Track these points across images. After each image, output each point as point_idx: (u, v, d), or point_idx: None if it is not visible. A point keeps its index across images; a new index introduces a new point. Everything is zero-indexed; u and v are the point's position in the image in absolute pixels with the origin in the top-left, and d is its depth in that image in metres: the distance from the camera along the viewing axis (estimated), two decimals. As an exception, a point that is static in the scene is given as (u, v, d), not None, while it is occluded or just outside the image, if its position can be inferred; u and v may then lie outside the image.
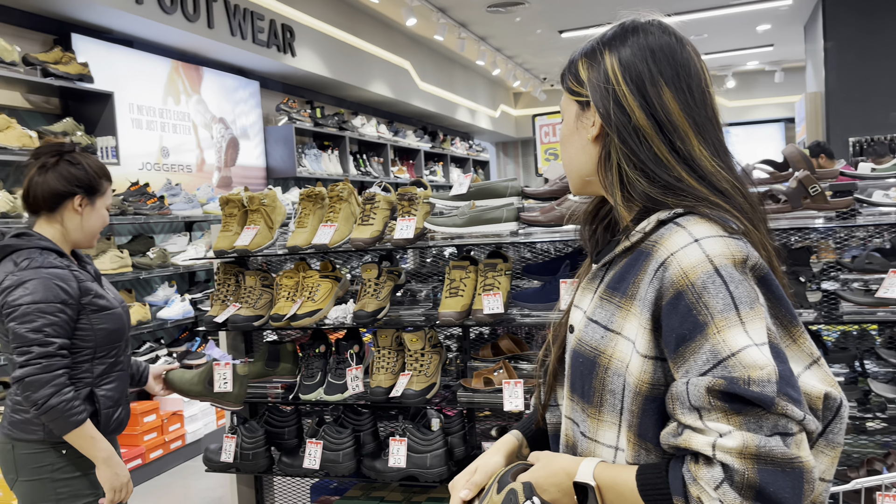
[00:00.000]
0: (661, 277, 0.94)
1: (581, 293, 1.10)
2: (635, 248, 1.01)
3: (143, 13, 4.76)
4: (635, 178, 1.01)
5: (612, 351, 0.99)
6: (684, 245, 0.94)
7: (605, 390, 1.00)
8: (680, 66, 1.03)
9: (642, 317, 0.96)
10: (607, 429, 1.01)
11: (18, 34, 4.43)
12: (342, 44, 7.45)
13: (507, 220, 2.52)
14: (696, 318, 0.90)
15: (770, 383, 0.86)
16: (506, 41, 9.60)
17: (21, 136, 4.01)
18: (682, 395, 0.90)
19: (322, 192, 2.79)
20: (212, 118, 6.17)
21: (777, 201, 2.23)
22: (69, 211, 2.10)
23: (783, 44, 10.59)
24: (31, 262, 2.01)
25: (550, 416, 1.20)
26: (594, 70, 1.06)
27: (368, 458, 2.73)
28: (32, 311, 1.95)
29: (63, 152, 2.11)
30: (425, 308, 2.79)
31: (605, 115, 1.03)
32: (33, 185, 2.07)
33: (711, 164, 1.00)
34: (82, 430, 2.01)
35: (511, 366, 2.67)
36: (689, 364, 0.90)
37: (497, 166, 14.44)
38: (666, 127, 1.01)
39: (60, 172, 2.07)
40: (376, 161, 8.59)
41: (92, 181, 2.12)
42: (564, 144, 1.15)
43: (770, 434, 0.86)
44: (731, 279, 0.90)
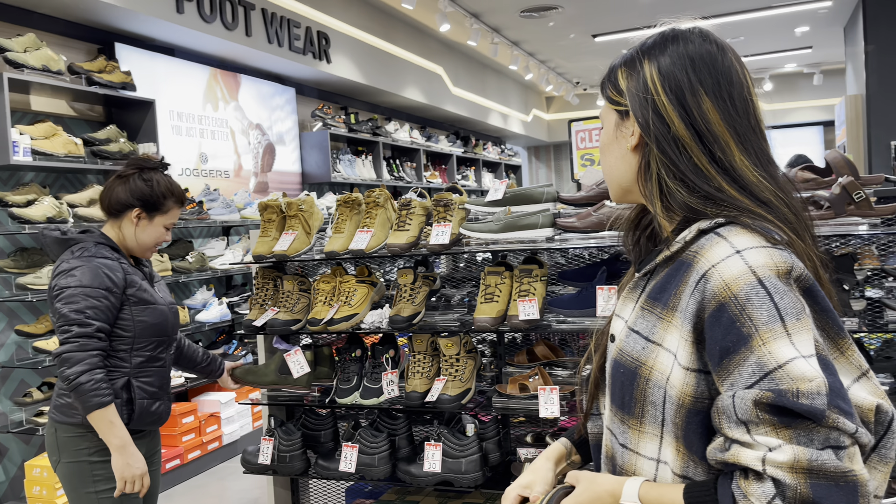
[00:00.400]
0: (703, 290, 0.93)
1: (623, 302, 1.10)
2: (676, 257, 1.00)
3: (184, 22, 4.86)
4: (675, 188, 1.01)
5: (653, 362, 0.98)
6: (726, 256, 0.92)
7: (646, 402, 0.99)
8: (721, 74, 1.02)
9: (683, 329, 0.95)
10: (648, 440, 1.00)
11: (64, 44, 4.56)
12: (376, 50, 7.51)
13: (542, 226, 2.52)
14: (739, 330, 0.89)
15: (820, 395, 0.84)
16: (539, 46, 9.58)
17: (67, 143, 4.12)
18: (728, 408, 0.88)
19: (359, 197, 2.82)
20: (249, 124, 6.26)
21: (820, 207, 2.20)
22: (127, 220, 2.29)
23: (822, 46, 10.39)
24: (84, 251, 2.20)
25: (592, 425, 1.19)
26: (633, 79, 1.06)
27: (403, 463, 2.74)
28: (77, 294, 2.11)
29: (144, 168, 2.31)
30: (460, 313, 2.80)
31: (644, 124, 1.03)
32: (106, 189, 2.30)
33: (753, 175, 0.99)
34: (103, 413, 2.11)
35: (546, 372, 2.67)
36: (735, 377, 0.89)
37: (529, 171, 14.40)
38: (706, 137, 1.00)
39: (130, 185, 2.27)
40: (409, 166, 8.64)
41: (155, 199, 2.30)
42: (604, 153, 1.15)
43: (821, 447, 0.83)
44: (776, 290, 0.89)
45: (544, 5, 7.76)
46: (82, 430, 2.17)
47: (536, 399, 2.53)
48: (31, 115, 4.29)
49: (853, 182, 2.10)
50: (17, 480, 4.06)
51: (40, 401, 3.93)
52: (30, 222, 3.78)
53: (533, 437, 2.76)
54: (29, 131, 3.95)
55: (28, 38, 4.00)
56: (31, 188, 3.97)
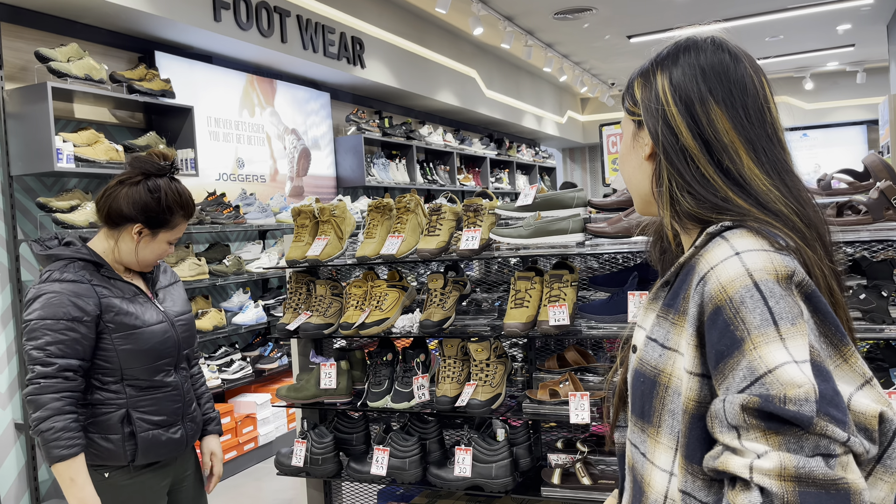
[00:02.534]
0: (702, 292, 0.93)
1: (644, 313, 1.10)
2: (687, 263, 1.01)
3: (221, 30, 4.96)
4: (681, 197, 1.02)
5: (671, 369, 0.98)
6: (724, 258, 0.92)
7: (664, 410, 0.99)
8: (733, 83, 1.02)
9: (688, 333, 0.95)
10: (663, 452, 1.00)
11: (106, 53, 4.68)
12: (410, 54, 7.56)
13: (573, 231, 2.51)
14: (733, 333, 0.88)
15: (808, 402, 0.82)
16: (573, 47, 9.53)
17: (108, 149, 4.23)
18: (720, 412, 0.88)
19: (390, 203, 2.84)
20: (284, 129, 6.35)
21: (857, 212, 2.15)
22: (126, 234, 2.00)
23: (865, 44, 10.14)
24: (52, 274, 1.92)
25: (618, 435, 1.19)
26: (647, 90, 1.07)
27: (434, 466, 2.76)
28: (39, 328, 1.86)
29: (149, 174, 2.01)
30: (490, 318, 2.81)
31: (654, 134, 1.05)
32: (106, 195, 2.00)
33: (764, 184, 0.98)
34: (64, 468, 1.82)
35: (577, 378, 2.66)
36: (728, 381, 0.88)
37: (564, 172, 14.32)
38: (714, 146, 1.00)
39: (132, 195, 1.97)
40: (443, 169, 8.66)
41: (160, 215, 2.00)
42: (623, 163, 1.17)
43: (811, 455, 0.82)
44: (771, 294, 0.88)
45: (578, 7, 7.72)
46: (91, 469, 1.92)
47: (567, 405, 2.52)
48: (74, 122, 4.42)
49: (891, 186, 2.06)
50: (61, 478, 4.18)
51: (83, 401, 4.03)
52: (73, 227, 3.89)
53: (563, 443, 2.75)
54: (72, 139, 4.07)
55: (71, 48, 4.12)
56: (74, 194, 4.08)
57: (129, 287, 2.03)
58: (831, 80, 12.21)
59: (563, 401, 2.56)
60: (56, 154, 3.89)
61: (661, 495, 0.99)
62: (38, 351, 1.84)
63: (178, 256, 4.70)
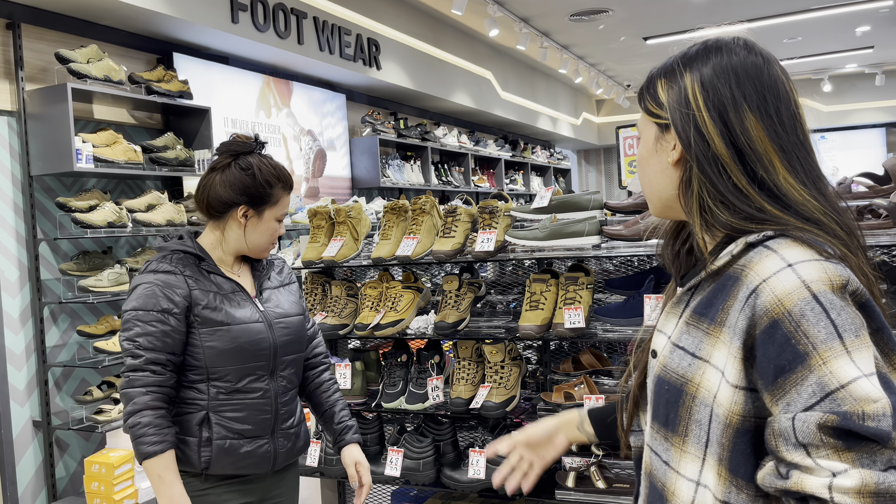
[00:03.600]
0: (754, 305, 0.89)
1: (665, 317, 1.07)
2: (723, 271, 0.97)
3: (239, 32, 4.99)
4: (715, 207, 0.98)
5: (700, 379, 0.95)
6: (777, 270, 0.89)
7: (691, 420, 0.97)
8: (767, 88, 0.98)
9: (732, 345, 0.91)
10: (690, 461, 0.97)
11: (125, 54, 4.73)
12: (426, 56, 7.57)
13: (589, 234, 2.51)
14: (795, 348, 0.85)
15: (886, 417, 0.80)
16: (589, 49, 9.51)
17: (127, 150, 4.27)
18: (786, 430, 0.85)
19: (405, 204, 2.85)
20: (301, 130, 6.38)
21: (878, 216, 2.13)
22: (233, 220, 1.92)
23: (884, 46, 10.04)
24: (149, 265, 1.87)
25: (634, 440, 1.18)
26: (674, 92, 1.02)
27: (448, 468, 2.76)
28: (130, 319, 1.81)
29: (238, 154, 1.92)
30: (505, 320, 2.81)
31: (685, 141, 1.00)
32: (202, 187, 1.92)
33: (800, 194, 0.95)
34: (151, 465, 1.74)
35: (592, 381, 2.65)
36: (791, 397, 0.85)
37: (579, 174, 14.28)
38: (748, 156, 0.96)
39: (227, 178, 1.89)
40: (457, 170, 8.67)
41: (260, 190, 1.90)
42: (643, 166, 1.12)
43: (884, 468, 0.80)
44: (832, 306, 0.85)
45: (594, 9, 7.70)
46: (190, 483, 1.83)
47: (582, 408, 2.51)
48: (93, 123, 4.46)
49: (912, 190, 2.03)
50: (77, 476, 4.22)
51: (100, 399, 4.07)
52: (91, 227, 3.93)
53: (578, 447, 2.74)
54: (91, 139, 4.11)
55: (91, 50, 4.16)
56: (93, 194, 4.12)
57: (229, 283, 1.92)
58: (850, 83, 12.10)
59: (578, 404, 2.55)
60: (76, 154, 3.93)
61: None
62: (128, 343, 1.79)
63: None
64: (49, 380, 4.10)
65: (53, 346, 4.16)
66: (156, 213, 4.35)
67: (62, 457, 4.20)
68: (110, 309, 4.46)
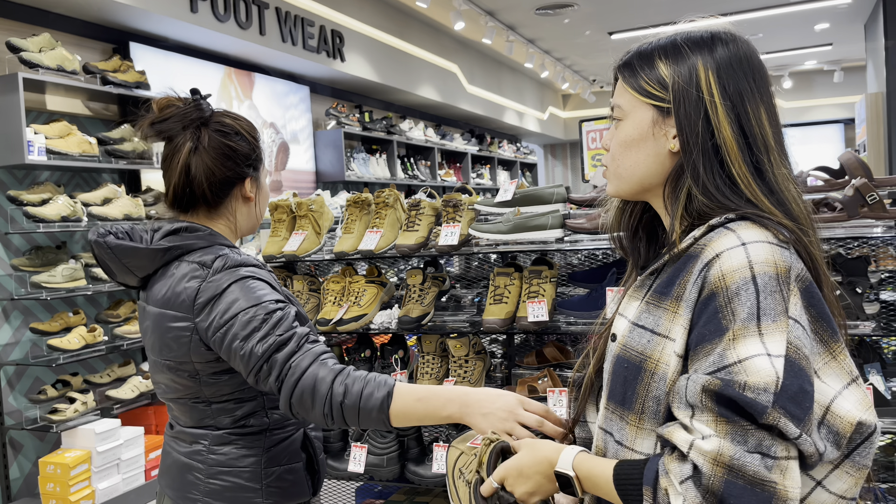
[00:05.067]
0: (704, 276, 0.93)
1: (627, 301, 1.07)
2: (684, 253, 0.99)
3: (198, 21, 4.88)
4: (698, 195, 0.98)
5: (660, 355, 0.97)
6: (730, 247, 0.92)
7: (648, 396, 0.97)
8: (766, 80, 1.00)
9: (684, 317, 0.94)
10: (646, 436, 0.98)
11: (79, 43, 4.59)
12: (391, 48, 7.51)
13: (552, 227, 2.50)
14: (720, 322, 0.89)
15: (766, 392, 0.83)
16: (554, 43, 9.54)
17: (81, 142, 4.15)
18: (681, 389, 0.90)
19: (368, 198, 2.81)
20: (263, 123, 6.28)
21: (833, 209, 2.16)
22: (236, 200, 1.57)
23: (842, 43, 10.25)
24: (228, 259, 1.46)
25: (580, 430, 1.18)
26: (682, 76, 0.98)
27: (412, 463, 2.74)
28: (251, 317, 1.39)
29: (205, 118, 1.53)
30: (470, 314, 2.79)
31: (691, 128, 0.98)
32: (184, 180, 1.50)
33: (789, 184, 0.98)
34: (396, 410, 1.34)
35: (556, 374, 2.65)
36: (699, 363, 0.90)
37: (545, 169, 14.35)
38: (756, 146, 0.97)
39: (213, 152, 1.50)
40: (424, 164, 8.63)
41: (257, 152, 1.59)
42: (629, 147, 1.04)
43: (751, 450, 0.84)
44: (764, 289, 0.88)
45: (560, 3, 7.71)
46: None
47: (545, 401, 2.51)
48: (46, 114, 4.33)
49: (867, 184, 2.06)
50: (32, 477, 4.11)
51: (54, 398, 3.96)
52: (44, 221, 3.81)
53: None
54: (44, 131, 3.99)
55: (43, 38, 4.04)
56: (45, 187, 4.00)
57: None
58: (809, 79, 12.34)
59: (541, 397, 2.55)
60: (27, 146, 3.81)
61: None
62: (263, 342, 1.36)
63: (154, 251, 4.63)
64: (1, 378, 3.98)
65: (6, 343, 4.04)
66: (112, 206, 4.24)
67: (16, 457, 4.08)
68: (64, 305, 4.34)
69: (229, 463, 1.48)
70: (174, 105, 1.53)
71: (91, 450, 3.92)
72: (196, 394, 1.49)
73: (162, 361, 1.50)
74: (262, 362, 1.36)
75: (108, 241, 1.53)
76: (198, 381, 1.47)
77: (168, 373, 1.50)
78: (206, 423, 1.51)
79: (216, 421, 1.50)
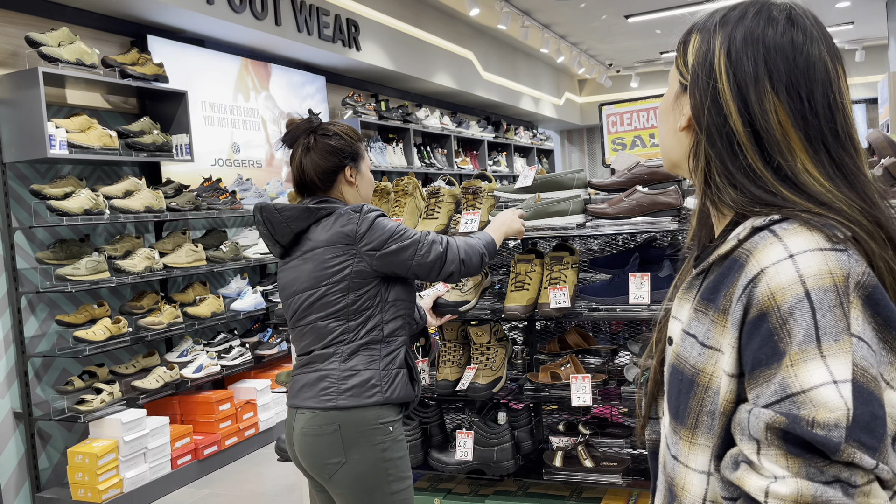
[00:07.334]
0: (750, 294, 0.84)
1: (678, 303, 1.01)
2: (729, 255, 0.91)
3: (214, 13, 4.89)
4: (722, 185, 0.92)
5: (712, 369, 0.90)
6: (777, 260, 0.83)
7: (702, 411, 0.91)
8: (799, 69, 0.89)
9: (731, 335, 0.87)
10: (700, 452, 0.92)
11: (97, 37, 4.62)
12: (406, 36, 7.48)
13: (573, 213, 2.49)
14: (776, 344, 0.81)
15: (838, 428, 0.76)
16: (570, 28, 9.45)
17: (102, 135, 4.18)
18: (743, 422, 0.83)
19: (387, 186, 2.81)
20: (280, 114, 6.29)
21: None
22: (344, 185, 2.10)
23: (864, 21, 10.07)
24: (365, 207, 2.01)
25: (649, 431, 1.12)
26: (702, 53, 0.94)
27: (435, 450, 2.74)
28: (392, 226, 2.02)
29: (313, 128, 2.10)
30: (491, 301, 2.79)
31: (698, 109, 0.94)
32: (301, 172, 2.07)
33: (821, 186, 0.87)
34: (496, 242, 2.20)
35: (578, 360, 2.64)
36: (760, 390, 0.82)
37: (562, 155, 14.26)
38: (766, 139, 0.89)
39: (320, 151, 2.06)
40: (440, 152, 8.61)
41: (353, 147, 2.11)
42: (660, 118, 1.05)
43: (829, 482, 0.76)
44: (820, 306, 0.80)
45: (575, -14, 7.64)
46: (374, 419, 1.94)
47: (568, 387, 2.51)
48: (66, 108, 4.37)
49: (897, 163, 2.03)
50: (61, 467, 4.18)
51: (81, 389, 4.02)
52: (67, 214, 3.85)
53: (565, 426, 2.74)
54: (65, 125, 4.02)
55: (62, 33, 4.06)
56: (68, 181, 4.04)
57: None
58: (830, 59, 12.12)
59: (564, 383, 2.54)
60: (49, 140, 3.84)
61: (699, 498, 0.92)
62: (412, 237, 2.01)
63: (175, 243, 4.66)
64: (29, 370, 4.04)
65: (32, 336, 4.10)
66: (133, 199, 4.28)
67: (45, 448, 4.15)
68: (89, 297, 4.39)
69: (357, 368, 1.97)
70: (295, 122, 2.12)
71: (118, 439, 3.98)
72: (340, 311, 1.99)
73: (316, 291, 2.00)
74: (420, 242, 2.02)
75: (273, 204, 2.05)
76: (345, 296, 1.98)
77: (320, 301, 2.00)
78: (343, 338, 1.99)
79: (352, 336, 1.99)
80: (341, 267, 1.98)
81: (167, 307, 4.46)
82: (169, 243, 4.64)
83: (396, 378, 2.00)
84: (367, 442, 1.93)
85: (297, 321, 2.08)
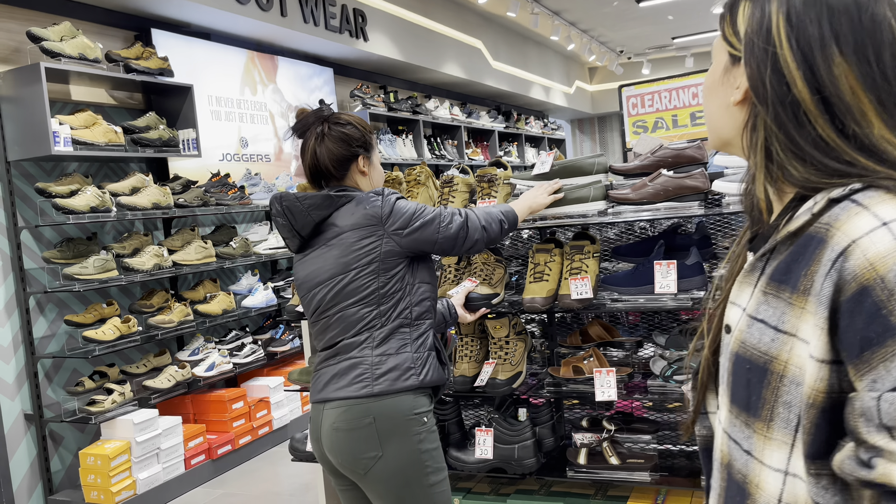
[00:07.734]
0: (841, 269, 0.77)
1: (738, 287, 0.94)
2: (802, 232, 0.84)
3: (219, 5, 4.80)
4: (787, 162, 0.85)
5: (788, 356, 0.83)
6: (869, 230, 0.76)
7: (777, 402, 0.84)
8: (866, 29, 0.84)
9: (818, 315, 0.79)
10: (776, 448, 0.85)
11: (101, 31, 4.54)
12: (414, 26, 7.37)
13: (594, 199, 2.38)
14: (887, 319, 0.73)
15: None
16: (580, 14, 9.30)
17: (107, 131, 4.11)
18: (870, 410, 0.74)
19: (400, 176, 2.71)
20: (288, 107, 6.20)
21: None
22: (357, 174, 2.09)
23: None
24: (386, 191, 2.01)
25: (700, 426, 1.04)
26: (755, 20, 0.88)
27: (454, 449, 2.65)
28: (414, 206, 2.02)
29: (325, 117, 2.08)
30: (508, 293, 2.69)
31: (757, 80, 0.87)
32: (314, 161, 2.05)
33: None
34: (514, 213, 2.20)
35: (601, 353, 2.54)
36: (879, 373, 0.74)
37: (573, 144, 14.11)
38: (837, 106, 0.83)
39: (334, 139, 2.04)
40: (450, 144, 8.50)
41: (366, 137, 2.10)
42: (707, 94, 0.99)
43: None
44: None
45: (585, -29, 7.49)
46: (408, 410, 1.90)
47: (591, 382, 2.41)
48: (70, 104, 4.29)
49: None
50: (73, 469, 4.12)
51: (92, 389, 3.96)
52: (74, 212, 3.78)
53: (589, 421, 2.63)
54: (69, 121, 3.94)
55: (64, 27, 3.98)
56: (73, 178, 3.97)
57: None
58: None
59: (587, 378, 2.44)
60: (53, 137, 3.77)
61: (773, 498, 0.85)
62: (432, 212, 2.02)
63: (184, 240, 4.59)
64: (39, 372, 3.98)
65: (42, 336, 4.04)
66: (140, 196, 4.20)
67: (57, 450, 4.09)
68: (98, 297, 4.33)
69: (390, 352, 1.94)
70: (305, 112, 2.09)
71: (130, 440, 3.92)
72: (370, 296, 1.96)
73: (345, 277, 1.96)
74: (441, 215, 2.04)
75: (294, 193, 2.02)
76: (375, 279, 1.95)
77: (348, 287, 1.96)
78: (374, 323, 1.96)
79: (383, 320, 1.96)
80: (370, 248, 1.95)
81: (177, 305, 4.39)
82: (178, 240, 4.57)
83: (428, 361, 1.99)
84: (403, 433, 1.89)
85: (320, 314, 2.02)
